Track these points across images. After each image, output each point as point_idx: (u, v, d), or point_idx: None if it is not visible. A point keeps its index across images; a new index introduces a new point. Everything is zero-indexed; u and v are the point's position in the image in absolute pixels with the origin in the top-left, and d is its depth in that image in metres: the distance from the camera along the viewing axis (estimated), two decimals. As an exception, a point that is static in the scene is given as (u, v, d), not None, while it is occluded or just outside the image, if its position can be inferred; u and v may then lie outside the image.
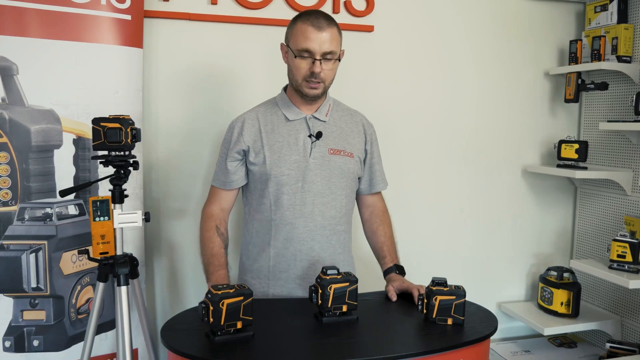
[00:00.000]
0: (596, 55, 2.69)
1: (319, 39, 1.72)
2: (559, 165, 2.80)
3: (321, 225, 1.85)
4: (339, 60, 1.81)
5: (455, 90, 2.81)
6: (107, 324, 2.15)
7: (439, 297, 1.59)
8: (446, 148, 2.83)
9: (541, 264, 3.05)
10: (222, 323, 1.43)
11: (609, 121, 2.64)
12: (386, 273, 1.95)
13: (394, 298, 1.80)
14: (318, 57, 1.73)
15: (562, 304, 2.74)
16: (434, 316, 1.60)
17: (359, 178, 1.99)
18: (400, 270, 1.93)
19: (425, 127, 2.78)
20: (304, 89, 1.79)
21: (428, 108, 2.77)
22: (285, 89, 1.93)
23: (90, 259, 1.74)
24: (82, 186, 1.80)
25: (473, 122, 2.86)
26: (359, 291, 1.96)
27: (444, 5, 2.74)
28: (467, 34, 2.79)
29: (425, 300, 1.62)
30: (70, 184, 2.04)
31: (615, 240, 2.48)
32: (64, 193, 1.73)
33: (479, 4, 2.79)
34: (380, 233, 2.02)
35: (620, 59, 2.65)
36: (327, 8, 2.50)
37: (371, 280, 2.11)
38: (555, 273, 2.78)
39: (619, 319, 2.78)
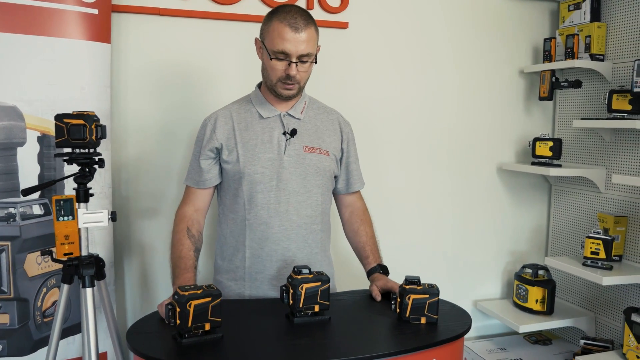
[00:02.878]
0: (570, 54, 2.70)
1: (295, 41, 1.67)
2: (533, 163, 2.80)
3: (297, 225, 1.82)
4: (315, 62, 1.77)
5: (431, 89, 2.80)
6: (74, 327, 2.10)
7: (412, 296, 1.57)
8: (422, 146, 2.82)
9: (516, 261, 3.06)
10: (189, 325, 1.38)
11: (582, 119, 2.65)
12: (370, 273, 1.92)
13: (379, 298, 1.78)
14: (294, 60, 1.69)
15: (537, 301, 2.74)
16: (407, 315, 1.58)
17: (335, 177, 1.96)
18: (384, 270, 1.90)
19: (402, 125, 2.77)
20: (278, 90, 1.76)
21: (404, 106, 2.76)
22: (259, 85, 1.89)
23: (54, 260, 1.68)
24: (45, 185, 1.74)
25: (449, 121, 2.85)
26: (340, 291, 1.95)
27: (420, 3, 2.73)
28: (442, 31, 2.79)
29: (399, 299, 1.60)
30: (34, 182, 1.97)
31: (589, 237, 2.49)
32: (26, 192, 1.67)
33: (454, 2, 2.79)
34: (361, 233, 1.99)
35: (593, 57, 2.66)
36: (300, 4, 2.47)
37: (349, 281, 2.08)
38: (530, 270, 2.79)
39: (593, 315, 2.79)
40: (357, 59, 2.65)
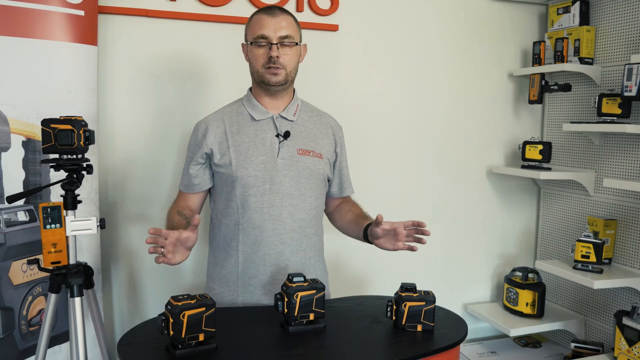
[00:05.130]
0: (559, 57, 2.71)
1: (273, 25, 1.71)
2: (523, 166, 2.81)
3: (290, 228, 1.79)
4: (298, 44, 1.77)
5: (421, 92, 2.79)
6: (61, 336, 2.05)
7: (409, 303, 1.55)
8: (412, 150, 2.81)
9: (506, 264, 3.06)
10: (182, 336, 1.35)
11: (572, 122, 2.65)
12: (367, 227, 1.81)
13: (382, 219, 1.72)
14: (275, 42, 1.71)
15: (527, 304, 2.74)
16: (403, 323, 1.56)
17: (328, 180, 1.94)
18: None
19: (391, 128, 2.75)
20: (265, 77, 1.74)
21: (394, 109, 2.75)
22: (251, 89, 1.87)
23: (41, 269, 1.64)
24: (31, 192, 1.69)
25: (439, 124, 2.84)
26: (331, 297, 1.92)
27: (409, 6, 2.71)
28: (433, 34, 2.78)
29: (394, 307, 1.57)
30: (19, 188, 1.92)
31: (579, 240, 2.49)
32: (11, 199, 1.63)
33: (444, 4, 2.78)
34: (355, 209, 1.95)
35: (582, 61, 2.67)
36: (290, 6, 2.45)
37: (342, 287, 2.06)
38: (520, 274, 2.79)
39: (583, 318, 2.80)
40: (347, 62, 2.63)
